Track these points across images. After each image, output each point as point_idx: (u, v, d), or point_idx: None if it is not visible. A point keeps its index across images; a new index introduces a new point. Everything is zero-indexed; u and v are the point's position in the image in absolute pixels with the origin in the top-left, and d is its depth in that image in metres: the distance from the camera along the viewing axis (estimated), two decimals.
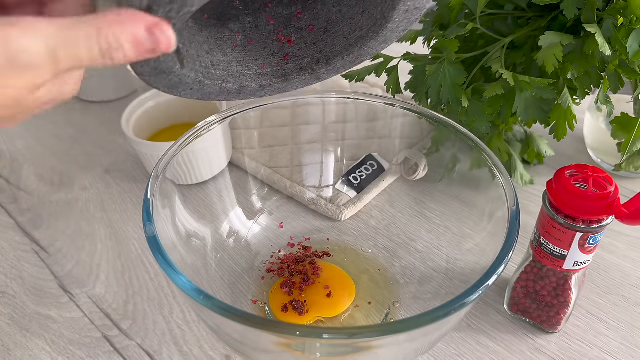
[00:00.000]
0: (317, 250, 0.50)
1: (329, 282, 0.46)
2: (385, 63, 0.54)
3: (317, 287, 0.46)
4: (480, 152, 0.42)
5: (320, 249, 0.50)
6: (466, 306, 0.31)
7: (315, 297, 0.45)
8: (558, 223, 0.39)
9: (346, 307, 0.44)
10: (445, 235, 0.47)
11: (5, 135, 0.68)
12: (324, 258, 0.49)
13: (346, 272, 0.47)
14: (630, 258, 0.51)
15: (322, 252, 0.50)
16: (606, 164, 0.61)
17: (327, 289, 0.45)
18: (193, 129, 0.43)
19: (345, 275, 0.47)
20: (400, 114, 0.48)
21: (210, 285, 0.44)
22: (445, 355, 0.43)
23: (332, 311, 0.44)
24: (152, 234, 0.35)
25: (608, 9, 0.46)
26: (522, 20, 0.51)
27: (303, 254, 0.49)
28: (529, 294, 0.43)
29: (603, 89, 0.50)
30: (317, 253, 0.49)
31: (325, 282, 0.46)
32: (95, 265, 0.51)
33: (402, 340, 0.33)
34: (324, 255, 0.49)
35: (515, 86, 0.47)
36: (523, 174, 0.57)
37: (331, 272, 0.47)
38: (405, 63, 0.54)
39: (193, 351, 0.44)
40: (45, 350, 0.44)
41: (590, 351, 0.43)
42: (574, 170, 0.39)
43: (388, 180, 0.56)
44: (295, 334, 0.30)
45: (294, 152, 0.57)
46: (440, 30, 0.55)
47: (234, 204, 0.51)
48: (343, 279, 0.47)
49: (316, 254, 0.49)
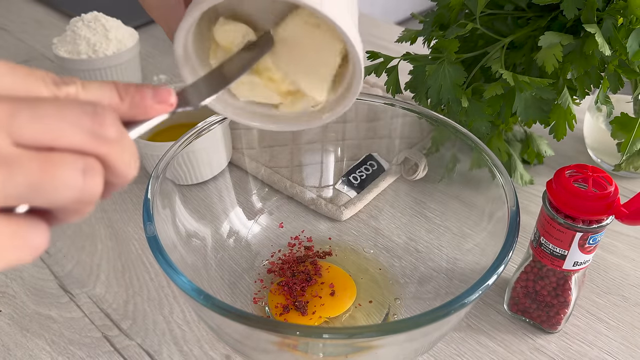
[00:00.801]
0: (319, 250, 0.50)
1: (331, 281, 0.46)
2: (385, 63, 0.54)
3: (319, 287, 0.46)
4: (480, 152, 0.42)
5: (321, 248, 0.50)
6: (466, 306, 0.31)
7: (317, 297, 0.45)
8: (558, 223, 0.39)
9: (348, 307, 0.44)
10: (445, 235, 0.47)
11: None
12: (325, 258, 0.49)
13: (346, 271, 0.47)
14: (630, 258, 0.51)
15: (324, 252, 0.50)
16: (606, 164, 0.61)
17: (332, 287, 0.45)
18: (193, 129, 0.43)
19: (346, 275, 0.47)
20: (400, 114, 0.48)
21: (210, 285, 0.44)
22: (445, 355, 0.43)
23: (334, 311, 0.44)
24: (152, 234, 0.35)
25: (608, 9, 0.46)
26: (522, 20, 0.51)
27: (305, 254, 0.49)
28: (528, 293, 0.44)
29: (603, 89, 0.50)
30: (319, 253, 0.49)
31: (328, 281, 0.46)
32: (95, 265, 0.51)
33: (402, 340, 0.33)
34: (325, 255, 0.49)
35: (515, 86, 0.47)
36: (523, 174, 0.57)
37: (333, 271, 0.47)
38: (405, 63, 0.54)
39: (193, 351, 0.44)
40: (45, 350, 0.44)
41: (590, 351, 0.43)
42: (574, 170, 0.39)
43: (388, 180, 0.56)
44: (295, 334, 0.30)
45: (294, 152, 0.57)
46: (440, 30, 0.55)
47: (234, 204, 0.51)
48: (344, 278, 0.47)
49: (318, 254, 0.49)
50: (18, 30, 0.93)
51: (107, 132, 0.21)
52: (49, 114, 0.19)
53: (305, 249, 0.50)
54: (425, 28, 0.56)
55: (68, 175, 0.20)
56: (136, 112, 0.23)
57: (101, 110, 0.21)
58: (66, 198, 0.20)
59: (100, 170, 0.21)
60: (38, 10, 1.00)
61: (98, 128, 0.20)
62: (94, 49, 0.70)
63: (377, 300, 0.45)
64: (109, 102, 0.23)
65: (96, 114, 0.20)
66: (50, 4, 1.00)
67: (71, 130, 0.20)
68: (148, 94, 0.24)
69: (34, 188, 0.19)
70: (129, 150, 0.22)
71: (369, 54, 0.54)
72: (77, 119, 0.20)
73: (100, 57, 0.70)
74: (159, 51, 0.87)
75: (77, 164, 0.20)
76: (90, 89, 0.22)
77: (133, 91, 0.23)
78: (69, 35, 0.71)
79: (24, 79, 0.21)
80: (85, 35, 0.70)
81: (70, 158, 0.20)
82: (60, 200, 0.20)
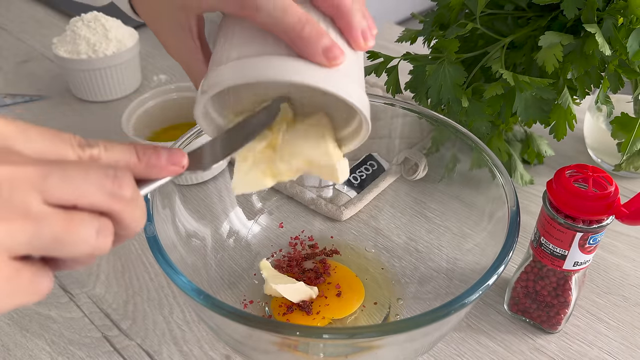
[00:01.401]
0: (326, 248, 0.50)
1: (338, 282, 0.46)
2: (385, 63, 0.54)
3: (326, 286, 0.45)
4: (480, 152, 0.42)
5: (326, 247, 0.50)
6: (466, 306, 0.31)
7: (323, 297, 0.44)
8: (558, 223, 0.39)
9: (355, 309, 0.44)
10: (446, 235, 0.47)
11: None
12: (333, 256, 0.49)
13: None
14: (630, 258, 0.51)
15: (331, 250, 0.49)
16: (606, 164, 0.61)
17: (338, 288, 0.45)
18: (193, 129, 0.43)
19: (354, 276, 0.47)
20: (400, 114, 0.48)
21: (210, 285, 0.44)
22: (445, 355, 0.43)
23: (340, 312, 0.44)
24: (152, 234, 0.35)
25: (608, 9, 0.46)
26: (522, 20, 0.51)
27: (311, 252, 0.49)
28: (529, 293, 0.43)
29: (603, 89, 0.50)
30: (326, 251, 0.49)
31: (335, 282, 0.46)
32: (95, 265, 0.51)
33: (403, 340, 0.33)
34: (332, 254, 0.49)
35: (515, 86, 0.47)
36: (523, 174, 0.57)
37: (340, 271, 0.47)
38: (405, 63, 0.54)
39: (193, 351, 0.44)
40: (45, 350, 0.44)
41: (590, 351, 0.43)
42: (574, 170, 0.39)
43: (388, 180, 0.56)
44: (295, 334, 0.30)
45: None
46: (440, 30, 0.55)
47: (234, 204, 0.51)
48: (352, 280, 0.46)
49: (325, 251, 0.49)
50: (18, 30, 0.93)
51: (124, 193, 0.23)
52: (76, 176, 0.22)
53: (310, 247, 0.50)
54: (425, 28, 0.56)
55: (85, 233, 0.22)
56: (151, 171, 0.26)
57: (121, 174, 0.23)
58: (80, 252, 0.22)
59: (112, 230, 0.23)
60: (38, 10, 1.00)
61: (117, 190, 0.23)
62: (94, 49, 0.70)
63: (379, 302, 0.45)
64: (128, 162, 0.25)
65: (116, 177, 0.23)
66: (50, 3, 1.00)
67: (94, 191, 0.23)
68: (163, 156, 0.26)
69: (56, 242, 0.22)
70: (140, 208, 0.25)
71: (369, 54, 0.54)
72: (99, 181, 0.23)
73: (100, 57, 0.70)
74: (159, 51, 0.87)
75: (93, 223, 0.22)
76: (112, 150, 0.25)
77: (150, 153, 0.26)
78: (68, 35, 0.71)
79: (53, 142, 0.23)
80: (85, 35, 0.70)
81: (89, 218, 0.22)
82: (74, 253, 0.22)
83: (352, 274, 0.47)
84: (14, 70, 0.82)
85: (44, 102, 0.74)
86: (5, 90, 0.77)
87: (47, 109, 0.73)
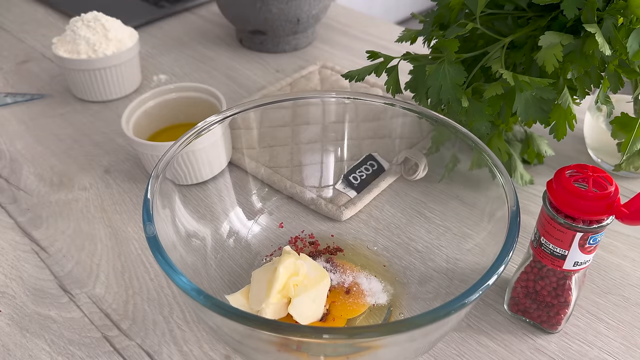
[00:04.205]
0: (329, 246, 0.50)
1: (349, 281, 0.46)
2: (385, 63, 0.54)
3: (337, 288, 0.45)
4: (480, 152, 0.42)
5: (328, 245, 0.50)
6: (466, 306, 0.31)
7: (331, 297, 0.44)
8: (558, 223, 0.39)
9: (363, 310, 0.44)
10: (445, 235, 0.47)
11: (5, 136, 0.68)
12: (337, 254, 0.49)
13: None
14: (630, 258, 0.51)
15: (334, 249, 0.49)
16: (606, 164, 0.61)
17: (347, 287, 0.45)
18: (193, 129, 0.43)
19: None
20: (400, 114, 0.48)
21: (210, 285, 0.44)
22: (445, 355, 0.43)
23: (348, 312, 0.43)
24: (152, 234, 0.35)
25: (608, 9, 0.46)
26: (522, 20, 0.51)
27: (316, 250, 0.49)
28: (529, 294, 0.44)
29: (603, 88, 0.50)
30: (330, 249, 0.49)
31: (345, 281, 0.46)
32: (95, 265, 0.51)
33: (403, 340, 0.33)
34: (336, 252, 0.49)
35: (515, 86, 0.47)
36: (523, 174, 0.57)
37: (350, 270, 0.47)
38: (405, 63, 0.54)
39: (193, 351, 0.44)
40: (45, 351, 0.44)
41: (590, 351, 0.43)
42: (574, 170, 0.39)
43: (388, 180, 0.56)
44: (295, 334, 0.30)
45: (294, 152, 0.57)
46: (440, 30, 0.55)
47: (234, 204, 0.51)
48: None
49: (329, 249, 0.49)
50: (18, 29, 0.93)
51: None
52: None
53: (311, 244, 0.50)
54: (425, 28, 0.56)
55: None
56: None
57: None
58: None
59: None
60: (38, 10, 1.00)
61: None
62: (94, 49, 0.70)
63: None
64: None
65: None
66: (50, 3, 1.00)
67: None
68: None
69: None
70: None
71: (369, 54, 0.54)
72: None
73: (100, 57, 0.70)
74: (159, 51, 0.87)
75: None
76: None
77: None
78: (68, 35, 0.71)
79: None
80: (85, 35, 0.70)
81: None
82: None
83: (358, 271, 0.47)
84: (14, 70, 0.82)
85: (44, 102, 0.74)
86: (5, 90, 0.77)
87: (47, 109, 0.73)
